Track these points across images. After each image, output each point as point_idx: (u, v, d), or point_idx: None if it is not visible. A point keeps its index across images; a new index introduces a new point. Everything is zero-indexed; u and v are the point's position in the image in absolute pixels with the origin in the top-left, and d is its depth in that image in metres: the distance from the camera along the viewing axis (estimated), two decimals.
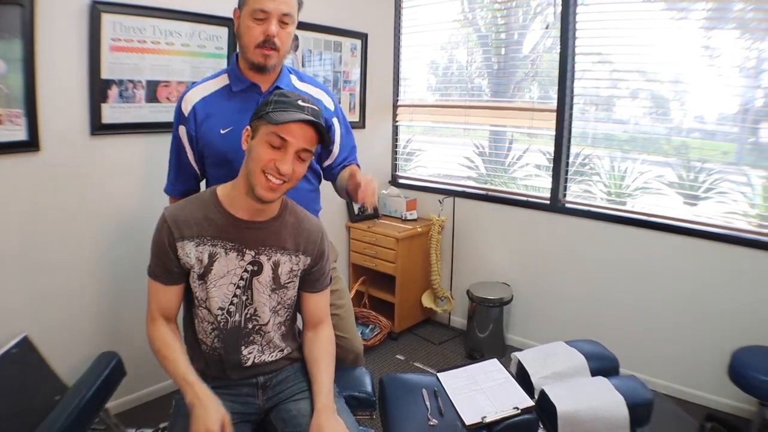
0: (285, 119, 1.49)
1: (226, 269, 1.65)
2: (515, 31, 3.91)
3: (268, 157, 1.52)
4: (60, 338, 2.54)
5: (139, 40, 2.65)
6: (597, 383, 2.06)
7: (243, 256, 1.65)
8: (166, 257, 1.63)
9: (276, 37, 1.86)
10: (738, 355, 2.64)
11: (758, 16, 2.93)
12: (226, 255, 1.64)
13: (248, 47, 1.88)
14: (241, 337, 1.70)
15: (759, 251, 2.91)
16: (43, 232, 2.51)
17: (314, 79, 2.22)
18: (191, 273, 1.65)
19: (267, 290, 1.70)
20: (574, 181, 3.65)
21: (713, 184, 3.23)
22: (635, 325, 3.34)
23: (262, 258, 1.67)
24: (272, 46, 1.87)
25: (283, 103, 1.54)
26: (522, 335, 3.88)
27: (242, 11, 1.87)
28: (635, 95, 3.44)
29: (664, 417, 2.93)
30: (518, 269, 3.85)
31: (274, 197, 1.58)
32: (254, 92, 1.97)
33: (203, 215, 1.64)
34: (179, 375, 1.57)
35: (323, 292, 1.85)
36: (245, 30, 1.86)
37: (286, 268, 1.72)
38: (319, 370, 1.72)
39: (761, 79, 2.99)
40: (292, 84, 2.06)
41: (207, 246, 1.63)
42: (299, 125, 1.52)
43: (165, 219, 1.63)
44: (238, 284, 1.67)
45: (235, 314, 1.68)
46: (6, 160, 2.33)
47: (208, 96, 1.98)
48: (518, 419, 1.93)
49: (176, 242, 1.61)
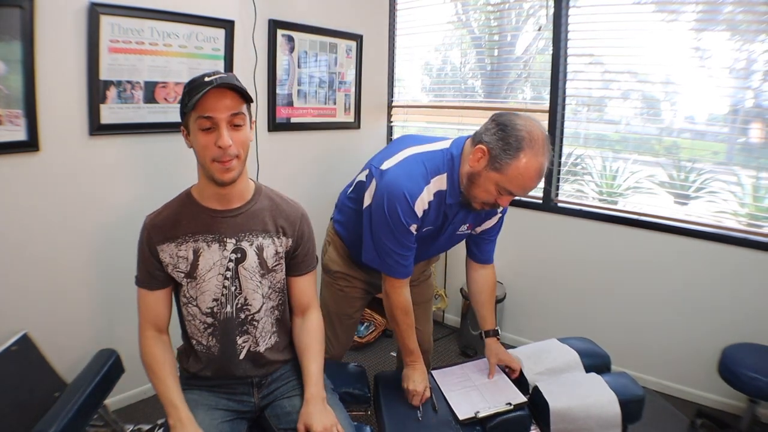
0: (198, 97, 1.47)
1: (212, 261, 1.66)
2: (508, 33, 3.94)
3: (206, 142, 1.52)
4: (59, 335, 2.56)
5: (137, 41, 2.67)
6: (590, 380, 2.08)
7: (225, 245, 1.66)
8: (149, 263, 1.66)
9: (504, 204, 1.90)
10: (728, 352, 2.68)
11: (748, 17, 2.97)
12: (209, 248, 1.65)
13: (476, 199, 1.89)
14: (234, 328, 1.71)
15: (748, 250, 2.94)
16: (42, 230, 2.53)
17: None
18: (178, 274, 1.67)
19: (256, 276, 1.71)
20: (566, 180, 3.68)
21: (704, 183, 3.27)
22: (627, 323, 3.38)
23: (243, 244, 1.68)
24: (493, 206, 1.93)
25: (192, 87, 1.52)
26: (515, 333, 3.91)
27: (495, 174, 1.79)
28: (627, 96, 3.47)
29: (655, 413, 2.96)
30: (511, 268, 3.87)
31: (233, 176, 1.58)
32: (458, 206, 1.98)
33: (180, 214, 1.66)
34: (166, 396, 1.59)
35: (309, 275, 1.85)
36: (482, 190, 1.85)
37: (270, 251, 1.72)
38: (308, 359, 1.75)
39: (751, 80, 3.02)
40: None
41: (189, 243, 1.65)
42: (214, 96, 1.49)
43: (145, 226, 1.68)
44: (225, 275, 1.67)
45: (226, 305, 1.69)
46: (6, 160, 2.34)
47: (429, 204, 1.93)
48: (511, 415, 1.95)
49: (156, 246, 1.65)
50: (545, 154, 1.74)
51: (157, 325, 1.71)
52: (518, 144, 1.72)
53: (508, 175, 1.75)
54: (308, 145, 3.80)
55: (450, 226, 2.06)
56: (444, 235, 2.09)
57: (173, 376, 1.64)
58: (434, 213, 1.96)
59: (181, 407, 1.56)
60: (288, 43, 3.48)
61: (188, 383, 1.76)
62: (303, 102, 3.67)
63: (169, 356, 1.70)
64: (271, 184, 3.37)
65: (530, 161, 1.72)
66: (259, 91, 3.35)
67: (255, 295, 1.72)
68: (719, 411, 3.06)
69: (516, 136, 1.73)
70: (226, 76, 1.53)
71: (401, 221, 1.88)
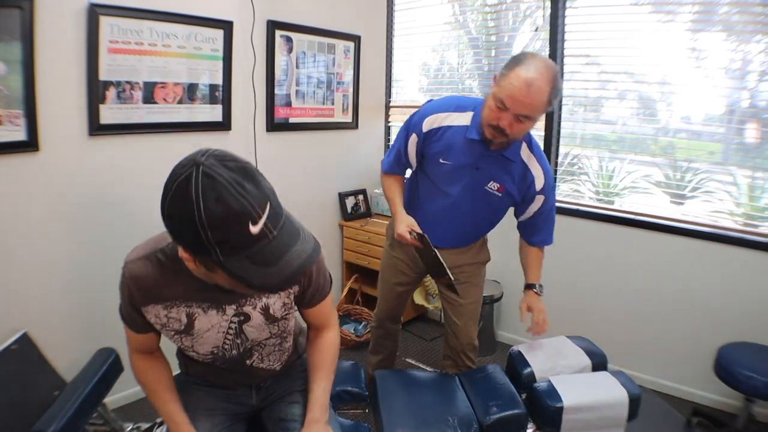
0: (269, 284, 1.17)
1: (210, 324, 1.47)
2: (505, 34, 3.96)
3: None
4: (59, 335, 2.57)
5: (136, 42, 2.68)
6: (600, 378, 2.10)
7: (224, 312, 1.47)
8: (135, 314, 1.45)
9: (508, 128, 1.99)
10: (724, 351, 2.69)
11: (743, 18, 2.98)
12: (206, 313, 1.45)
13: (484, 120, 2.06)
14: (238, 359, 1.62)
15: (744, 249, 2.95)
16: (42, 230, 2.54)
17: (542, 154, 2.28)
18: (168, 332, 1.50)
19: (264, 329, 1.56)
20: (563, 180, 3.70)
21: (700, 183, 3.28)
22: (623, 322, 3.39)
23: (246, 309, 1.49)
24: (501, 132, 2.01)
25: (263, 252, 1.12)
26: (512, 332, 3.93)
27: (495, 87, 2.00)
28: (623, 96, 3.49)
29: (651, 412, 2.96)
30: (508, 267, 3.86)
31: None
32: (481, 147, 2.16)
33: (168, 279, 1.38)
34: (165, 411, 1.55)
35: (324, 302, 1.65)
36: (487, 107, 2.03)
37: (278, 305, 1.53)
38: (316, 380, 1.63)
39: (747, 80, 3.04)
40: (520, 153, 2.21)
41: (181, 308, 1.43)
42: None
43: (126, 280, 1.40)
44: (228, 332, 1.51)
45: (231, 350, 1.57)
46: (6, 160, 2.36)
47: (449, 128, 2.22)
48: (508, 414, 1.95)
49: (141, 307, 1.42)
50: (538, 73, 1.89)
51: (146, 350, 1.61)
52: (515, 61, 1.96)
53: (500, 85, 1.96)
54: (306, 145, 3.81)
55: (476, 172, 2.22)
56: (469, 180, 2.25)
57: (169, 390, 1.59)
58: (455, 145, 2.20)
59: (181, 422, 1.53)
60: (286, 44, 3.49)
61: (186, 381, 1.75)
62: (301, 102, 3.69)
63: (163, 370, 1.63)
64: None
65: (520, 72, 1.90)
66: (258, 91, 3.37)
67: (261, 336, 1.59)
68: (715, 410, 3.08)
69: (516, 57, 1.98)
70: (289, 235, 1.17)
71: (409, 125, 2.33)
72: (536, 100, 1.91)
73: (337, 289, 4.18)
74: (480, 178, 2.23)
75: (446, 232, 2.40)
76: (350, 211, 4.16)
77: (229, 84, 3.13)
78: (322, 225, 4.07)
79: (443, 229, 2.39)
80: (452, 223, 2.39)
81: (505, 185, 2.23)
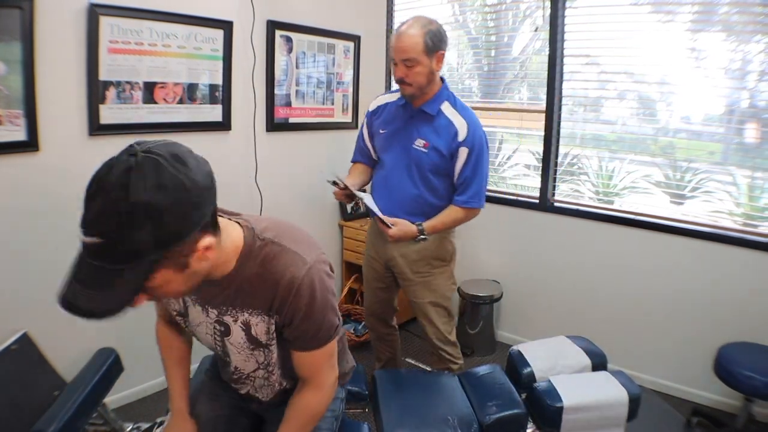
0: None
1: (199, 320, 1.44)
2: (505, 34, 3.96)
3: None
4: (59, 335, 2.55)
5: (136, 42, 2.68)
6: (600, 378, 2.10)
7: (207, 313, 1.40)
8: None
9: (405, 76, 2.38)
10: (723, 351, 2.70)
11: (743, 18, 2.98)
12: (194, 306, 1.42)
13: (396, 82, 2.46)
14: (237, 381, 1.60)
15: (744, 249, 2.95)
16: (42, 230, 2.54)
17: (467, 110, 2.52)
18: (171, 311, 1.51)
19: (244, 350, 1.45)
20: (563, 180, 3.70)
21: (699, 183, 3.28)
22: (623, 322, 3.39)
23: (226, 318, 1.38)
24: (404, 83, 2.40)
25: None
26: (512, 332, 3.93)
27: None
28: (623, 96, 3.49)
29: (651, 412, 2.97)
30: (508, 267, 3.89)
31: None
32: (408, 109, 2.54)
33: None
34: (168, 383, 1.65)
35: (311, 353, 1.40)
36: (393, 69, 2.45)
37: (261, 328, 1.38)
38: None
39: (746, 80, 3.04)
40: (441, 108, 2.47)
41: None
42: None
43: None
44: (215, 338, 1.46)
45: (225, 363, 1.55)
46: (6, 160, 2.36)
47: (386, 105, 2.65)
48: (507, 414, 1.97)
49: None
50: (407, 25, 2.38)
51: (168, 319, 1.64)
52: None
53: (390, 41, 2.43)
54: (306, 146, 3.81)
55: (405, 133, 2.53)
56: (399, 142, 2.55)
57: (178, 364, 1.64)
58: (389, 114, 2.61)
59: (176, 395, 1.61)
60: (286, 44, 3.49)
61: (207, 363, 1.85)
62: (301, 102, 3.69)
63: (177, 343, 1.66)
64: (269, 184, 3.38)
65: (396, 30, 2.43)
66: (258, 91, 3.37)
67: (246, 365, 1.51)
68: (715, 409, 3.08)
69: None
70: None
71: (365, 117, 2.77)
72: (408, 43, 2.33)
73: (338, 289, 4.18)
74: (408, 137, 2.51)
75: (392, 202, 2.57)
76: (350, 212, 4.16)
77: (229, 84, 3.13)
78: (322, 225, 4.07)
79: (388, 200, 2.58)
80: (393, 192, 2.58)
81: (430, 140, 2.46)
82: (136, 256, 0.99)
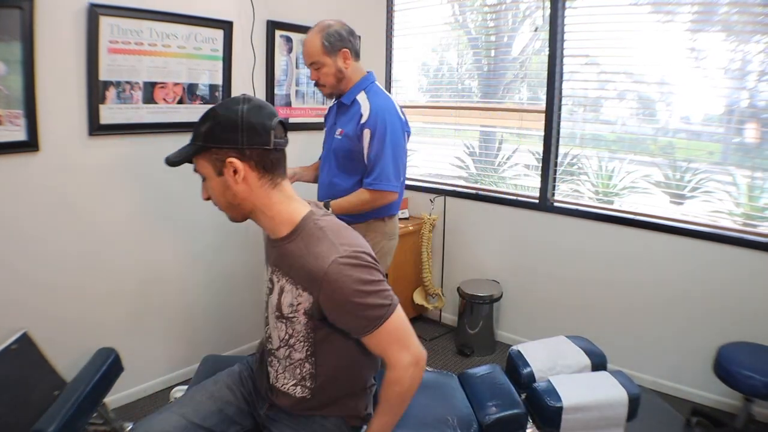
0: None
1: (266, 275, 1.65)
2: (505, 34, 3.96)
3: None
4: (59, 334, 2.57)
5: (136, 42, 2.68)
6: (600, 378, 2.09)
7: (268, 267, 1.63)
8: None
9: (317, 78, 2.58)
10: (723, 351, 2.69)
11: (743, 18, 2.98)
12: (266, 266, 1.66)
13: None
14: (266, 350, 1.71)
15: (744, 249, 2.95)
16: (41, 230, 2.54)
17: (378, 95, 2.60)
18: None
19: (273, 315, 1.57)
20: (562, 180, 3.70)
21: (699, 183, 3.28)
22: (622, 322, 3.39)
23: (273, 278, 1.56)
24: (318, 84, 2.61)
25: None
26: (512, 332, 3.93)
27: None
28: (622, 96, 3.49)
29: (650, 412, 2.96)
30: (508, 267, 3.89)
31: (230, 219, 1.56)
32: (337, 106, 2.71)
33: None
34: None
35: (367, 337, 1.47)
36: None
37: (287, 298, 1.49)
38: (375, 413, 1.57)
39: (746, 80, 3.03)
40: (355, 97, 2.59)
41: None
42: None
43: None
44: (266, 293, 1.64)
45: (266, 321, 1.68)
46: (6, 160, 2.36)
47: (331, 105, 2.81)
48: (507, 414, 1.96)
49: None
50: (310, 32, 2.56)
51: None
52: None
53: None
54: (306, 146, 3.80)
55: (332, 127, 2.68)
56: (329, 135, 2.72)
57: None
58: (330, 112, 2.80)
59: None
60: (286, 44, 3.49)
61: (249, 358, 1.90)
62: (301, 102, 3.69)
63: None
64: None
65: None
66: (258, 91, 3.37)
67: (273, 332, 1.60)
68: (715, 409, 3.08)
69: None
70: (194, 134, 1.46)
71: None
72: (308, 48, 2.52)
73: None
74: (332, 129, 2.66)
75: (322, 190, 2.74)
76: None
77: (229, 84, 3.14)
78: None
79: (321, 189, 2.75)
80: (322, 181, 2.73)
81: (345, 128, 2.56)
82: (196, 138, 1.43)
